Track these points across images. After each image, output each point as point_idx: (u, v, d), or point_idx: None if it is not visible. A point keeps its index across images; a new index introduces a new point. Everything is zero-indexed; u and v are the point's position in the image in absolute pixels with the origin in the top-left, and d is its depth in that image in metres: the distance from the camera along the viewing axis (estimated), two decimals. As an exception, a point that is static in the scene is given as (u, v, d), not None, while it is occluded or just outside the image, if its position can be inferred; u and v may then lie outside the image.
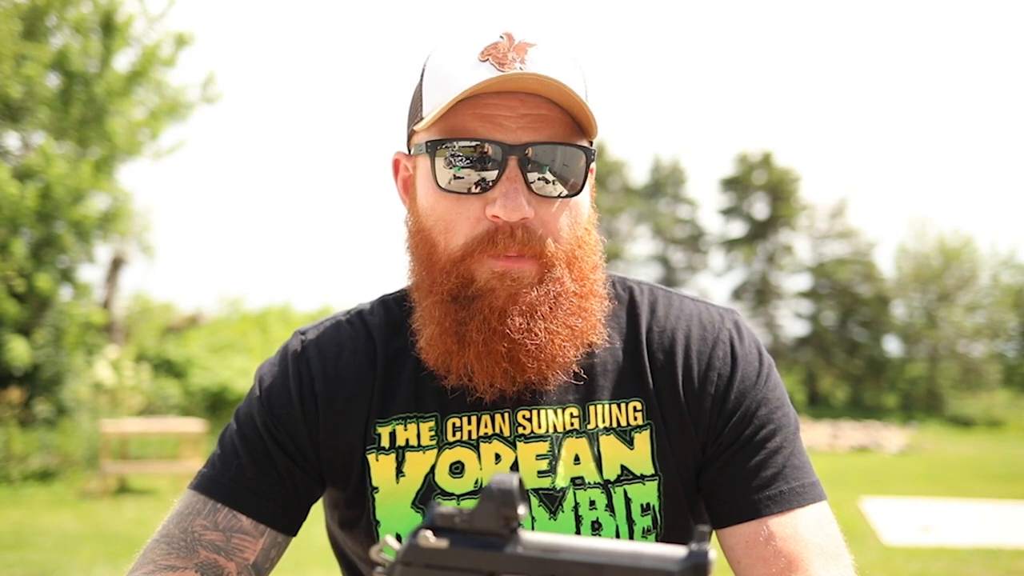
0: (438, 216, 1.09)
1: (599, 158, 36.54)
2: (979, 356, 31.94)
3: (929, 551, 7.59)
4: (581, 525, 1.13)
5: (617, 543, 0.70)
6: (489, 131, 1.05)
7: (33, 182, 11.84)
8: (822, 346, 33.47)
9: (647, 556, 0.69)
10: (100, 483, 10.61)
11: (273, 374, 1.21)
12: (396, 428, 1.16)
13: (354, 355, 1.20)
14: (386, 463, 1.16)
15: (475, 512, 0.71)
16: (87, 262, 13.13)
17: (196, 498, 1.16)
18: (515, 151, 1.04)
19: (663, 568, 0.68)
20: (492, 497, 0.71)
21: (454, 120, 1.06)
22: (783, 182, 34.25)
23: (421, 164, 1.12)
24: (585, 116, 1.07)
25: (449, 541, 0.72)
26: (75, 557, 7.12)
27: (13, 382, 11.95)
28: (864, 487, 11.92)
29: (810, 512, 1.13)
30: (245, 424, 1.19)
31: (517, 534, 0.71)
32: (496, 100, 1.06)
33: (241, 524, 1.14)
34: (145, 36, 13.42)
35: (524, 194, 1.05)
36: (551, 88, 1.04)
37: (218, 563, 1.12)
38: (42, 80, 12.20)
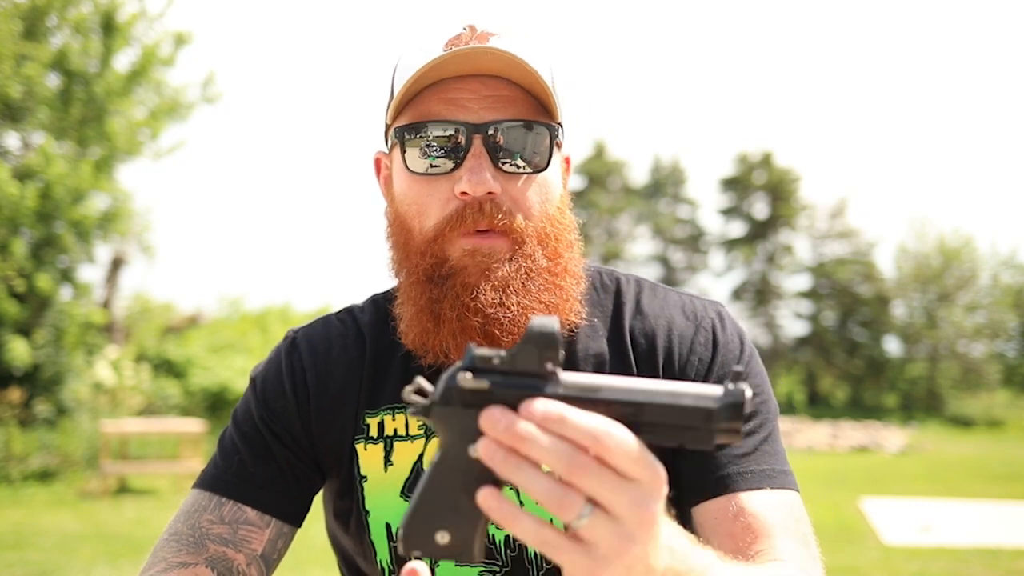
0: (411, 200, 1.14)
1: (599, 158, 36.52)
2: (979, 356, 31.93)
3: (929, 551, 7.58)
4: None
5: (656, 383, 0.71)
6: (454, 113, 1.10)
7: (33, 182, 11.84)
8: (822, 346, 33.46)
9: (686, 395, 0.70)
10: (100, 483, 10.60)
11: (267, 371, 1.24)
12: (384, 418, 1.19)
13: (344, 350, 1.23)
14: (374, 452, 1.19)
15: (515, 353, 0.71)
16: (87, 262, 13.13)
17: (201, 495, 1.18)
18: (479, 130, 1.09)
19: (702, 406, 0.69)
20: (533, 339, 0.71)
21: (421, 107, 1.11)
22: (783, 182, 34.24)
23: (395, 155, 1.16)
24: (547, 96, 1.11)
25: (489, 382, 0.71)
26: (75, 557, 7.12)
27: (13, 382, 11.94)
28: (864, 487, 11.92)
29: (781, 496, 1.13)
30: (243, 422, 1.22)
31: (556, 375, 0.71)
32: (459, 84, 1.10)
33: (247, 516, 1.16)
34: (145, 36, 13.42)
35: (490, 170, 1.09)
36: (509, 65, 1.08)
37: (227, 555, 1.14)
38: (42, 80, 12.20)
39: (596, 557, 0.68)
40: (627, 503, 0.67)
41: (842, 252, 34.14)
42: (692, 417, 0.70)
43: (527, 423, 0.67)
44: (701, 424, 0.70)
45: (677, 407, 0.70)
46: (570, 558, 0.68)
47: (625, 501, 0.67)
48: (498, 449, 0.68)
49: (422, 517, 0.72)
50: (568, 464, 0.67)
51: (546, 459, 0.67)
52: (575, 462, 0.66)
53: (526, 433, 0.67)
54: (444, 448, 0.72)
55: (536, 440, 0.67)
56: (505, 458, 0.68)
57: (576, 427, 0.67)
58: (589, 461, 0.67)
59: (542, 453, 0.67)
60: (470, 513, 0.72)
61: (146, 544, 7.59)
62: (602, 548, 0.67)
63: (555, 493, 0.67)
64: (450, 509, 0.72)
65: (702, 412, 0.69)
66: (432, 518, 0.72)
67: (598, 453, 0.67)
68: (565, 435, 0.67)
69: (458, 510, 0.72)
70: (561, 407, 0.68)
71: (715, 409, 0.69)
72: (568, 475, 0.67)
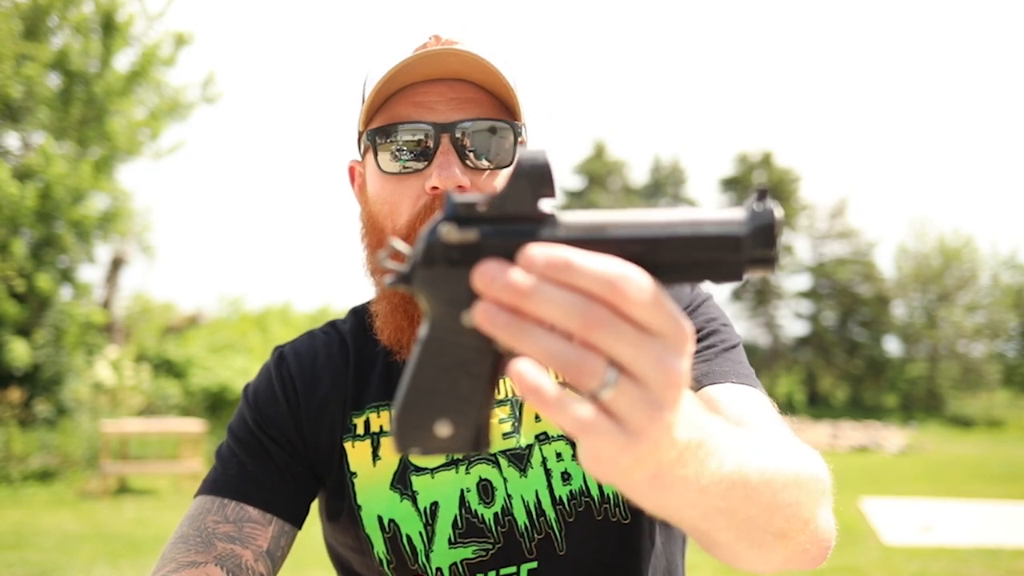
0: (383, 200, 1.18)
1: (598, 158, 36.49)
2: (979, 356, 31.93)
3: (929, 551, 7.59)
4: (552, 478, 1.19)
5: (671, 211, 0.60)
6: (422, 115, 1.15)
7: (33, 182, 11.84)
8: (822, 346, 33.46)
9: (708, 223, 0.59)
10: (100, 483, 10.60)
11: (258, 383, 1.29)
12: (370, 416, 1.24)
13: (329, 358, 1.29)
14: (362, 449, 1.22)
15: (504, 195, 0.60)
16: (87, 262, 13.13)
17: (203, 500, 1.21)
18: (447, 129, 1.14)
19: (729, 234, 0.59)
20: (523, 175, 0.60)
21: (390, 111, 1.17)
22: (783, 182, 34.24)
23: (368, 159, 1.21)
24: (510, 96, 1.16)
25: (478, 232, 0.60)
26: (75, 557, 7.12)
27: (13, 382, 11.94)
28: (864, 487, 11.92)
29: (747, 390, 1.11)
30: (238, 429, 1.26)
31: (554, 216, 0.60)
32: (426, 88, 1.16)
33: (249, 514, 1.19)
34: (145, 36, 13.42)
35: (458, 166, 1.14)
36: (472, 67, 1.13)
37: (235, 552, 1.16)
38: (42, 80, 12.20)
39: (627, 433, 0.58)
40: (652, 362, 0.57)
41: (842, 252, 34.15)
42: (718, 248, 0.59)
43: (528, 275, 0.57)
44: (729, 255, 0.60)
45: (699, 238, 0.59)
46: (608, 440, 0.57)
47: (651, 360, 0.57)
48: (499, 311, 0.57)
49: (415, 407, 0.61)
50: (583, 319, 0.56)
51: (556, 315, 0.56)
52: (591, 316, 0.56)
53: (529, 287, 0.56)
54: (433, 320, 0.61)
55: (542, 293, 0.56)
56: (507, 321, 0.57)
57: (587, 273, 0.56)
58: (607, 313, 0.56)
59: (551, 308, 0.56)
60: (472, 394, 0.61)
61: (146, 544, 7.59)
62: (631, 422, 0.57)
63: (572, 356, 0.57)
64: (447, 393, 0.61)
65: (730, 241, 0.59)
66: (427, 406, 0.61)
67: (615, 303, 0.56)
68: (575, 284, 0.56)
69: (457, 392, 0.61)
70: (566, 251, 0.57)
71: (744, 236, 0.59)
72: (584, 332, 0.56)
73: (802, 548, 0.90)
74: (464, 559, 1.18)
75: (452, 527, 1.18)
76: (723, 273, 0.60)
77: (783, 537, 0.86)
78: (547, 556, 1.18)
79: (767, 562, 0.89)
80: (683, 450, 0.64)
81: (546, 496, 1.19)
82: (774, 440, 0.94)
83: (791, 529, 0.87)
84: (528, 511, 1.19)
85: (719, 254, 0.59)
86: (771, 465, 0.82)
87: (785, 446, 0.94)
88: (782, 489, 0.83)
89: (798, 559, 0.92)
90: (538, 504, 1.19)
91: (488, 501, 1.19)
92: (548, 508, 1.19)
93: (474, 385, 0.61)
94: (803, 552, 0.91)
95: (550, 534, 1.18)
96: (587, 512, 1.19)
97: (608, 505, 1.20)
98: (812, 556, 0.94)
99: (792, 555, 0.90)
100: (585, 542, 1.18)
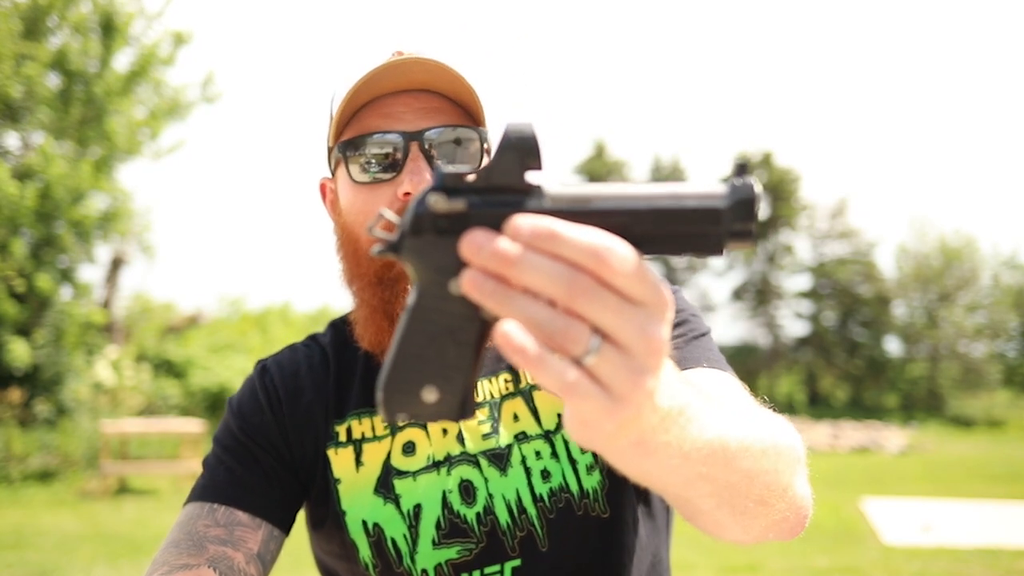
0: (357, 210, 1.21)
1: (599, 158, 36.50)
2: (980, 356, 31.92)
3: (929, 551, 7.58)
4: (531, 476, 1.21)
5: (652, 186, 0.62)
6: (390, 125, 1.19)
7: (33, 182, 11.83)
8: (823, 346, 33.45)
9: (689, 196, 0.61)
10: (100, 483, 10.60)
11: (241, 394, 1.32)
12: (352, 424, 1.26)
13: (311, 369, 1.31)
14: (345, 455, 1.25)
15: (492, 167, 0.62)
16: (87, 262, 13.13)
17: (193, 506, 1.22)
18: (415, 137, 1.18)
19: (709, 206, 0.61)
20: (511, 147, 0.61)
21: (359, 124, 1.20)
22: (783, 182, 34.24)
23: (340, 172, 1.24)
24: (474, 103, 1.21)
25: (466, 202, 0.61)
26: (75, 557, 7.12)
27: (13, 382, 11.94)
28: (864, 487, 11.91)
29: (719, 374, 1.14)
30: (224, 438, 1.28)
31: (541, 188, 0.62)
32: (393, 99, 1.20)
33: (238, 518, 1.20)
34: (144, 35, 13.42)
35: (428, 171, 1.17)
36: (436, 76, 1.18)
37: (227, 554, 1.18)
38: (42, 80, 12.20)
39: (611, 399, 0.60)
40: (635, 330, 0.59)
41: (842, 252, 34.13)
42: (698, 221, 0.61)
43: (515, 244, 0.59)
44: (709, 228, 0.61)
45: (680, 211, 0.61)
46: (593, 403, 0.59)
47: (633, 328, 0.59)
48: (486, 279, 0.59)
49: (403, 373, 0.62)
50: (568, 287, 0.58)
51: (541, 283, 0.58)
52: (576, 284, 0.58)
53: (516, 255, 0.58)
54: (421, 288, 0.62)
55: (528, 262, 0.58)
56: (494, 289, 0.59)
57: (572, 243, 0.58)
58: (591, 282, 0.58)
59: (536, 277, 0.58)
60: (459, 361, 0.62)
61: (146, 544, 7.59)
62: (615, 387, 0.59)
63: (558, 323, 0.58)
64: (434, 359, 0.62)
65: (710, 214, 0.61)
66: (415, 373, 0.62)
67: (599, 272, 0.58)
68: (560, 254, 0.58)
69: (444, 359, 0.62)
70: (552, 221, 0.58)
71: (724, 209, 0.61)
72: (569, 300, 0.58)
73: (782, 516, 0.93)
74: (448, 559, 1.19)
75: (435, 528, 1.20)
76: (704, 245, 0.62)
77: (763, 504, 0.88)
78: (530, 554, 1.20)
79: (748, 530, 0.91)
80: (665, 416, 0.65)
81: (527, 494, 1.21)
82: (750, 411, 0.97)
83: (771, 496, 0.89)
84: (510, 509, 1.20)
85: (700, 227, 0.61)
86: (749, 433, 0.84)
87: (760, 416, 0.96)
88: (761, 456, 0.85)
89: (778, 527, 0.95)
90: (519, 502, 1.20)
91: (470, 501, 1.21)
92: (529, 506, 1.20)
93: (461, 352, 0.62)
94: (783, 520, 0.94)
95: (532, 532, 1.20)
96: (567, 508, 1.20)
97: (588, 501, 1.21)
98: (791, 524, 0.96)
99: (772, 523, 0.92)
100: (567, 539, 1.20)
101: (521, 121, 0.62)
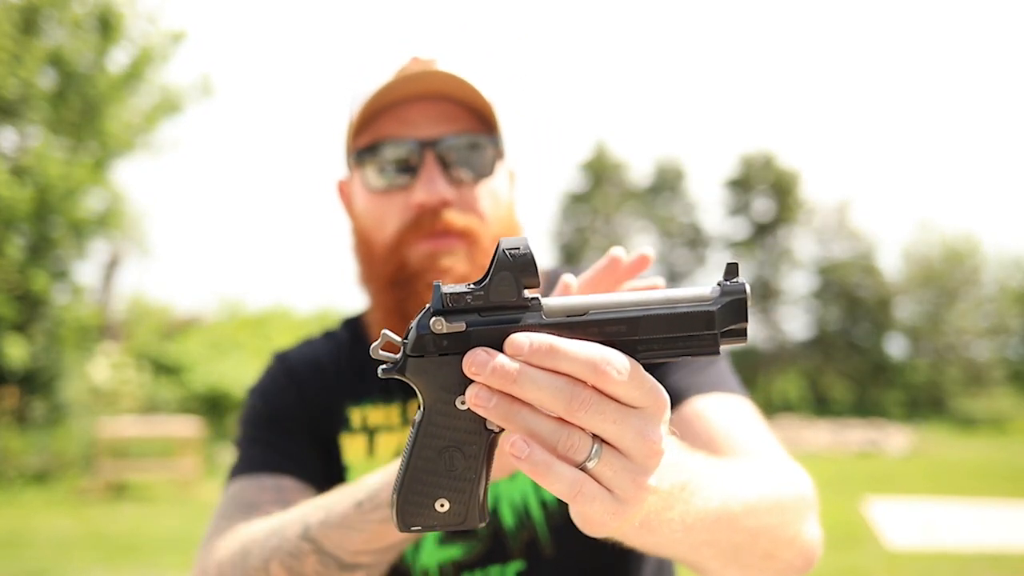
0: (372, 215, 1.23)
1: (599, 158, 36.48)
2: (983, 357, 31.85)
3: (933, 553, 7.52)
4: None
5: (645, 292, 0.66)
6: (406, 131, 1.21)
7: (29, 180, 11.79)
8: (825, 347, 33.40)
9: (681, 300, 0.65)
10: (96, 484, 10.57)
11: (263, 380, 1.34)
12: (367, 413, 1.28)
13: (328, 355, 1.35)
14: (357, 443, 1.26)
15: (489, 285, 0.64)
16: (83, 261, 13.10)
17: (235, 484, 1.22)
18: (430, 145, 1.20)
19: (702, 310, 0.64)
20: (507, 265, 0.64)
21: (375, 130, 1.22)
22: (786, 183, 34.19)
23: (355, 176, 1.27)
24: (488, 111, 1.23)
25: (465, 322, 0.64)
26: (71, 558, 7.10)
27: (9, 383, 11.90)
28: (868, 488, 11.84)
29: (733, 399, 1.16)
30: (252, 418, 1.30)
31: (538, 302, 0.65)
32: (409, 106, 1.22)
33: (285, 483, 1.21)
34: (140, 33, 13.38)
35: (442, 180, 1.19)
36: (452, 85, 1.20)
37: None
38: (38, 78, 12.16)
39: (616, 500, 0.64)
40: (633, 435, 0.63)
41: (846, 253, 34.08)
42: (691, 324, 0.64)
43: (515, 360, 0.62)
44: (703, 330, 0.64)
45: (674, 316, 0.64)
46: (599, 506, 0.64)
47: (631, 434, 0.63)
48: (490, 395, 0.63)
49: (416, 487, 0.65)
50: (568, 401, 0.62)
51: (543, 398, 0.62)
52: (576, 398, 0.62)
53: (517, 372, 0.62)
54: (427, 405, 0.66)
55: (530, 378, 0.62)
56: (498, 403, 0.63)
57: (570, 357, 0.62)
58: (590, 394, 0.62)
59: (538, 392, 0.62)
60: (468, 472, 0.65)
61: (143, 545, 7.55)
62: (618, 490, 0.64)
63: (559, 435, 0.63)
64: (444, 472, 0.65)
65: (703, 316, 0.64)
66: (427, 485, 0.65)
67: (597, 384, 0.62)
68: (559, 368, 0.62)
69: (453, 472, 0.65)
70: (550, 338, 0.62)
71: (715, 311, 0.64)
72: (569, 413, 0.62)
73: (788, 564, 0.97)
74: (452, 558, 1.20)
75: None
76: (700, 346, 0.65)
77: (770, 557, 0.93)
78: (534, 558, 1.20)
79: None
80: (667, 496, 0.71)
81: (533, 499, 1.22)
82: (757, 464, 1.01)
83: (776, 549, 0.93)
84: (515, 512, 1.21)
85: (694, 329, 0.65)
86: (754, 493, 0.88)
87: (768, 468, 1.00)
88: (765, 513, 0.89)
89: (785, 573, 0.98)
90: (525, 506, 1.21)
91: None
92: (535, 510, 1.21)
93: (469, 465, 0.66)
94: (789, 566, 0.97)
95: (536, 536, 1.20)
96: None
97: None
98: (798, 567, 1.00)
99: (779, 571, 0.96)
100: (573, 546, 1.19)
101: (515, 239, 0.65)
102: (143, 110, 13.51)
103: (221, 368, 14.85)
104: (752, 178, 34.79)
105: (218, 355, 15.66)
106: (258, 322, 18.84)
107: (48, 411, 12.10)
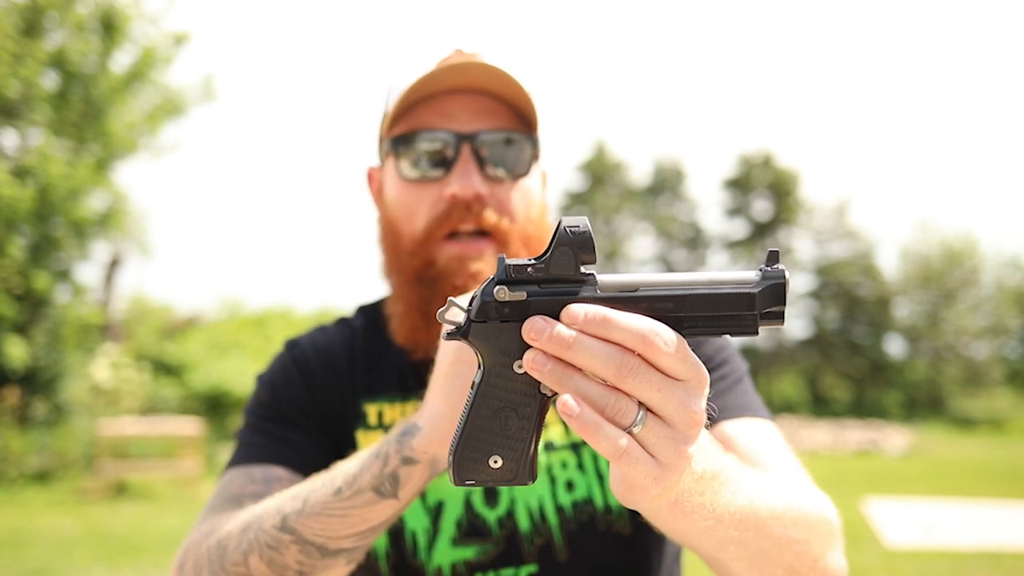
0: (402, 205, 1.21)
1: (599, 158, 36.52)
2: (982, 357, 31.86)
3: (931, 552, 7.55)
4: (556, 486, 1.21)
5: (692, 273, 0.71)
6: (444, 123, 1.19)
7: (31, 181, 11.80)
8: (824, 347, 33.40)
9: (726, 282, 0.70)
10: (97, 484, 10.57)
11: (272, 369, 1.31)
12: (383, 408, 1.26)
13: (343, 344, 1.32)
14: (372, 438, 1.24)
15: (549, 259, 0.70)
16: (85, 261, 13.10)
17: (228, 474, 1.22)
18: (467, 138, 1.18)
19: (744, 291, 0.69)
20: (567, 241, 0.69)
21: (413, 119, 1.20)
22: (785, 183, 34.19)
23: (388, 165, 1.24)
24: (529, 109, 1.21)
25: (526, 292, 0.69)
26: (72, 558, 7.10)
27: (10, 382, 11.90)
28: (866, 488, 11.86)
29: (762, 423, 1.18)
30: (256, 409, 1.27)
31: (594, 277, 0.70)
32: (449, 98, 1.20)
33: (276, 473, 1.20)
34: (143, 35, 13.39)
35: (477, 175, 1.18)
36: (495, 79, 1.17)
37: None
38: (40, 79, 12.17)
39: (659, 465, 0.68)
40: (676, 405, 0.67)
41: (844, 253, 34.08)
42: (734, 304, 0.69)
43: (571, 329, 0.67)
44: (744, 311, 0.69)
45: (718, 296, 0.69)
46: (642, 468, 0.68)
47: (674, 403, 0.67)
48: (546, 360, 0.67)
49: (472, 444, 0.70)
50: (618, 368, 0.66)
51: (595, 364, 0.67)
52: (625, 365, 0.66)
53: (573, 339, 0.66)
54: (487, 367, 0.71)
55: (584, 345, 0.66)
56: (553, 368, 0.67)
57: (622, 328, 0.66)
58: (638, 363, 0.67)
59: (591, 359, 0.66)
60: (521, 432, 0.70)
61: (143, 545, 7.55)
62: (661, 455, 0.68)
63: (608, 399, 0.67)
64: (499, 431, 0.70)
65: (744, 298, 0.69)
66: (482, 443, 0.71)
67: (645, 354, 0.67)
68: (611, 338, 0.67)
69: (507, 431, 0.70)
70: (603, 310, 0.67)
71: (756, 293, 0.68)
72: (618, 379, 0.67)
73: None
74: (465, 559, 1.20)
75: (456, 526, 1.20)
76: (740, 326, 0.70)
77: (793, 573, 0.94)
78: (548, 561, 1.20)
79: None
80: (700, 478, 0.75)
81: (549, 503, 1.22)
82: (784, 480, 1.03)
83: (801, 566, 0.94)
84: (531, 516, 1.21)
85: (736, 309, 0.69)
86: (781, 502, 0.91)
87: (794, 486, 1.02)
88: (791, 525, 0.91)
89: None
90: (541, 510, 1.21)
91: (492, 504, 1.21)
92: (551, 514, 1.20)
93: (523, 424, 0.70)
94: None
95: (551, 540, 1.20)
96: (590, 522, 1.20)
97: (612, 517, 1.21)
98: None
99: None
100: (586, 551, 1.20)
101: (575, 217, 0.70)
102: (145, 111, 13.52)
103: (221, 368, 14.85)
104: (751, 178, 34.79)
105: (219, 355, 15.67)
106: (258, 322, 18.85)
107: (49, 411, 12.11)
